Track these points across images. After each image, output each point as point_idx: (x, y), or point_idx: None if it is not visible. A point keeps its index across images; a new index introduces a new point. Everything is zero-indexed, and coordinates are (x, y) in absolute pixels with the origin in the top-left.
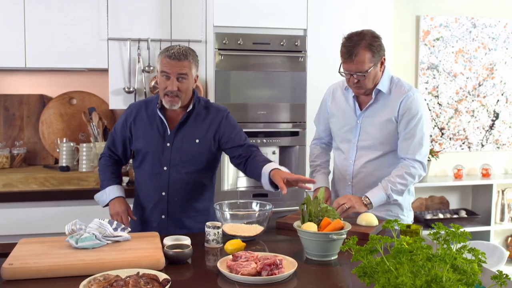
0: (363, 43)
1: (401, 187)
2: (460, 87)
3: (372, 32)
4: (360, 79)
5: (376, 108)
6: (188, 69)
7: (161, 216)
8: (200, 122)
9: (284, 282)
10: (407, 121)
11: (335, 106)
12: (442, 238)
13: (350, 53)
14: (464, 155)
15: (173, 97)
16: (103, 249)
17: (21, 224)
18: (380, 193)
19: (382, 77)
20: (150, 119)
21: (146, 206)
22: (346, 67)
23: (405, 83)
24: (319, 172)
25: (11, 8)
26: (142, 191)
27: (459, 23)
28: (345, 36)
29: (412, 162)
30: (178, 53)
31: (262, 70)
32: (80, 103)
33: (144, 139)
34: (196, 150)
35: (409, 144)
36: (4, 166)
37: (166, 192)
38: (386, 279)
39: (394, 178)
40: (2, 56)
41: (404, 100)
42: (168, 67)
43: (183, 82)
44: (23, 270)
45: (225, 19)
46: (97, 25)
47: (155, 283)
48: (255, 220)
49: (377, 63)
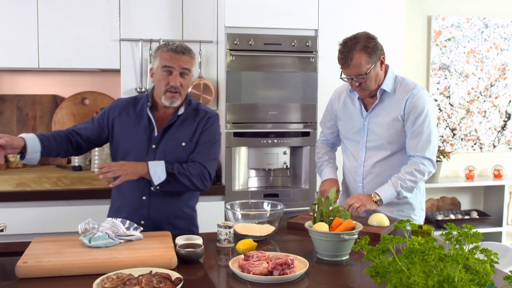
0: (358, 46)
1: (411, 184)
2: (472, 87)
3: (366, 33)
4: (361, 81)
5: (382, 108)
6: (191, 65)
7: (140, 221)
8: (188, 124)
9: (296, 281)
10: (414, 119)
11: (342, 108)
12: (454, 239)
13: (346, 58)
14: (476, 155)
15: (174, 93)
16: (116, 248)
17: (34, 223)
18: (390, 189)
19: (385, 77)
20: (138, 118)
21: (124, 211)
22: (346, 72)
23: (409, 81)
24: (327, 166)
25: (25, 9)
26: (121, 194)
27: (471, 23)
28: (340, 43)
29: (421, 159)
30: (182, 47)
31: (273, 70)
32: (92, 103)
33: (127, 138)
34: (182, 153)
35: (417, 142)
36: (17, 165)
37: (147, 196)
38: (398, 279)
39: (404, 175)
40: (16, 57)
41: (409, 98)
42: (172, 61)
43: (186, 78)
44: (37, 268)
45: (237, 19)
46: (109, 26)
47: (167, 282)
48: (266, 220)
49: (376, 63)
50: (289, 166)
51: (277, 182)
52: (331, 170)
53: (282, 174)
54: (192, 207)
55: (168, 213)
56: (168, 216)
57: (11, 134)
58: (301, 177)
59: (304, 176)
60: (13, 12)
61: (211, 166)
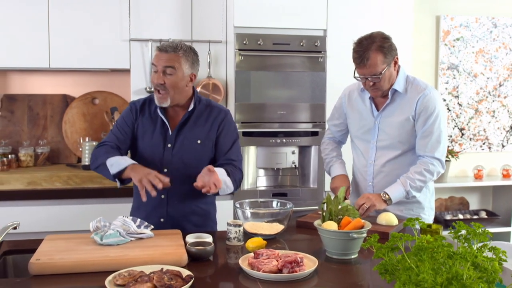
0: (374, 46)
1: (420, 184)
2: (481, 87)
3: (381, 33)
4: (375, 81)
5: (393, 108)
6: (176, 63)
7: (159, 219)
8: (202, 122)
9: (305, 279)
10: (425, 119)
11: (352, 107)
12: (463, 237)
13: (362, 57)
14: (485, 155)
15: (160, 93)
16: (127, 245)
17: (45, 221)
18: (399, 188)
19: (397, 77)
20: (153, 119)
21: (143, 209)
22: (360, 72)
23: (421, 82)
24: (336, 162)
25: (36, 10)
26: None
27: (479, 23)
28: (355, 42)
29: (430, 159)
30: (167, 46)
31: (282, 70)
32: (102, 103)
33: (145, 139)
34: (198, 151)
35: (427, 142)
36: (28, 164)
37: (165, 195)
38: (407, 276)
39: (413, 174)
40: (27, 57)
41: (421, 99)
42: (156, 60)
43: (169, 77)
44: (50, 265)
45: (246, 19)
46: (119, 26)
47: (178, 279)
48: (275, 219)
49: (390, 63)
50: (297, 166)
51: (285, 181)
52: (341, 165)
53: (290, 173)
54: (211, 202)
55: (186, 210)
56: (186, 213)
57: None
58: (310, 176)
59: (313, 175)
60: (24, 12)
61: (242, 168)
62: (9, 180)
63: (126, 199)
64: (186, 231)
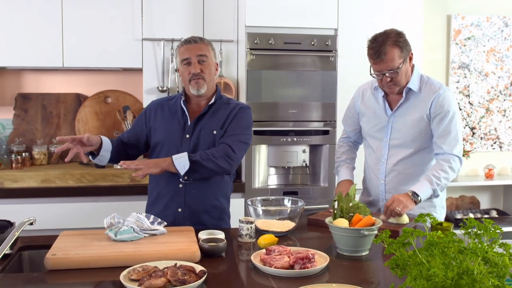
0: (389, 41)
1: (445, 182)
2: (492, 86)
3: (395, 30)
4: (393, 76)
5: (407, 107)
6: (207, 51)
7: (177, 209)
8: (219, 114)
9: (317, 275)
10: (441, 119)
11: (365, 106)
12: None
13: (379, 52)
14: (496, 154)
15: (198, 79)
16: (140, 241)
17: (59, 219)
18: (427, 188)
19: (412, 76)
20: (172, 112)
21: (162, 200)
22: (377, 68)
23: (435, 81)
24: (343, 166)
25: (50, 10)
26: (158, 185)
27: (490, 22)
28: (369, 39)
29: (451, 156)
30: (193, 37)
31: (293, 69)
32: (114, 102)
33: (163, 130)
34: (214, 141)
35: (445, 140)
36: (42, 162)
37: (183, 185)
38: (418, 271)
39: (438, 172)
40: (41, 56)
41: (436, 99)
42: (187, 53)
43: (204, 64)
44: (65, 260)
45: (257, 19)
46: (131, 26)
47: (192, 274)
48: (287, 216)
49: (406, 58)
50: (308, 164)
51: (296, 180)
52: (348, 171)
53: (301, 172)
54: (227, 196)
55: (204, 201)
56: (204, 204)
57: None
58: (320, 175)
59: (323, 174)
60: (38, 12)
61: (238, 147)
62: (23, 178)
63: (139, 197)
64: (203, 221)
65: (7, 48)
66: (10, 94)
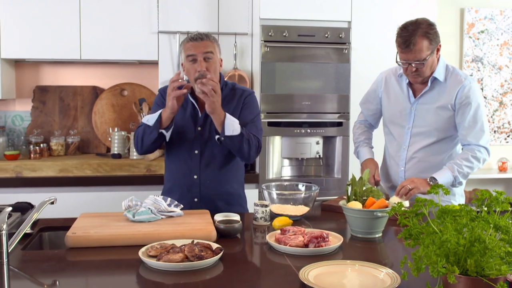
0: (420, 31)
1: (468, 170)
2: (505, 79)
3: (426, 20)
4: (418, 67)
5: (432, 96)
6: (213, 48)
7: (193, 199)
8: (227, 104)
9: (331, 254)
10: (467, 110)
11: (388, 92)
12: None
13: (408, 42)
14: (509, 148)
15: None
16: (158, 222)
17: (76, 207)
18: (447, 174)
19: (438, 65)
20: (183, 104)
21: (177, 191)
22: (404, 57)
23: (460, 72)
24: (363, 146)
25: (68, 3)
26: (173, 176)
27: (504, 15)
28: (399, 27)
29: (477, 147)
30: (200, 34)
31: (307, 61)
32: (130, 94)
33: (176, 123)
34: None
35: (471, 131)
36: (59, 153)
37: (198, 175)
38: (430, 240)
39: (461, 160)
40: (59, 49)
41: (461, 90)
42: (193, 49)
43: (210, 62)
44: (85, 238)
45: (271, 11)
46: (148, 19)
47: (208, 251)
48: (301, 201)
49: (434, 50)
50: (321, 156)
51: (310, 171)
52: (369, 149)
53: (315, 163)
54: (241, 181)
55: (219, 189)
56: (219, 193)
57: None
58: (334, 166)
59: (337, 165)
60: (56, 6)
61: (261, 139)
62: (41, 167)
63: (155, 187)
64: (220, 209)
65: (25, 41)
66: (28, 86)
